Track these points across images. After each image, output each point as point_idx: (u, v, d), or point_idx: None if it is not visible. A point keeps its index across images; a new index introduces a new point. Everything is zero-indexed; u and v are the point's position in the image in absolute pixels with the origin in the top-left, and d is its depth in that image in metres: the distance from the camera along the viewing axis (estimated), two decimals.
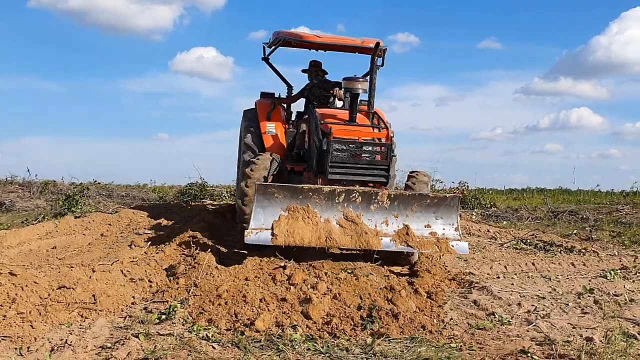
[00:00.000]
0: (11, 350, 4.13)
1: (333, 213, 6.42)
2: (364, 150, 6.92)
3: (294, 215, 6.27)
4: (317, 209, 6.37)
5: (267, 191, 6.27)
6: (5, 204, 15.32)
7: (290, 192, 6.34)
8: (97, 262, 6.12)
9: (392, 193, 6.66)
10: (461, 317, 5.11)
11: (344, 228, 6.36)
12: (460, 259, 7.49)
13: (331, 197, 6.41)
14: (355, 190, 6.50)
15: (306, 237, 6.20)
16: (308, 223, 6.27)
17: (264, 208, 6.27)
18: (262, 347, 4.28)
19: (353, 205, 6.49)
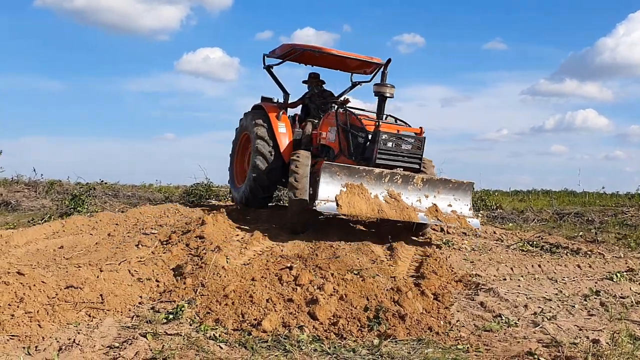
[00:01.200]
0: (19, 349, 4.16)
1: (380, 190, 7.74)
2: (403, 141, 8.25)
3: (351, 190, 7.49)
4: (368, 186, 7.63)
5: (331, 170, 7.48)
6: (11, 204, 15.37)
7: (349, 172, 7.58)
8: (105, 261, 6.14)
9: (424, 177, 8.09)
10: (468, 318, 5.11)
11: (389, 203, 7.69)
12: (466, 260, 7.49)
13: (379, 178, 7.74)
14: (398, 173, 7.87)
15: (363, 209, 7.44)
16: (362, 197, 7.52)
17: (327, 184, 7.42)
18: (269, 348, 4.29)
19: (395, 185, 7.86)
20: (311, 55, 9.97)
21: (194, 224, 7.90)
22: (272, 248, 7.16)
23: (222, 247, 6.73)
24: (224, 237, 7.55)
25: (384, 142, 8.08)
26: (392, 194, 7.79)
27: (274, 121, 9.72)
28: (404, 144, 8.26)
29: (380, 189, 7.75)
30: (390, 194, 7.78)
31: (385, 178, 7.76)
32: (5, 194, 16.18)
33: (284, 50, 10.02)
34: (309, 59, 10.32)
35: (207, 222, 7.75)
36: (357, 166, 7.74)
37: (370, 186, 7.66)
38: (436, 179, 8.23)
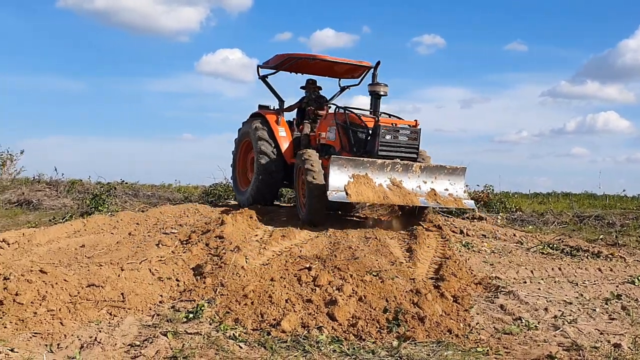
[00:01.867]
0: (42, 346, 4.22)
1: (383, 179, 8.44)
2: (401, 134, 8.99)
3: (358, 180, 8.20)
4: (372, 176, 8.34)
5: (339, 163, 8.18)
6: (33, 203, 15.55)
7: (354, 164, 8.30)
8: (126, 260, 6.19)
9: (422, 165, 8.78)
10: (487, 321, 5.09)
11: (392, 190, 8.40)
12: (486, 262, 7.45)
13: (382, 167, 8.44)
14: (398, 162, 8.55)
15: (370, 196, 8.21)
16: (368, 186, 8.24)
17: (336, 175, 8.12)
18: (288, 348, 4.32)
19: (396, 173, 8.55)
20: (304, 63, 10.77)
21: (214, 224, 7.94)
22: (290, 249, 7.17)
23: (241, 247, 6.76)
24: (243, 237, 7.58)
25: (383, 135, 8.81)
26: (395, 182, 8.49)
27: (273, 125, 10.55)
28: (401, 136, 9.01)
29: (384, 177, 8.46)
30: (392, 181, 8.49)
31: (387, 167, 8.48)
32: (27, 192, 16.38)
33: (278, 61, 10.76)
34: (302, 67, 11.13)
35: (226, 222, 7.79)
36: (361, 158, 8.45)
37: (374, 175, 8.37)
38: (432, 165, 8.92)
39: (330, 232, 8.14)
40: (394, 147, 8.89)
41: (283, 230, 7.99)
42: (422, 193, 8.61)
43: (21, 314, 4.58)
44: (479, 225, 10.31)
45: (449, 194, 8.82)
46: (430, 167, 8.84)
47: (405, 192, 8.43)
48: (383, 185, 8.37)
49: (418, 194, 8.54)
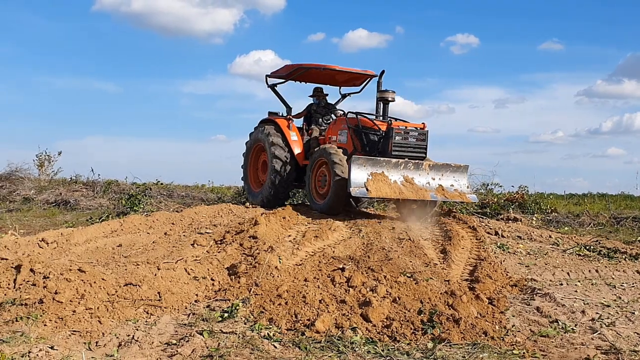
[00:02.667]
0: (80, 344, 4.29)
1: (397, 176, 9.25)
2: (411, 135, 9.86)
3: (375, 178, 8.97)
4: (387, 174, 9.13)
5: (359, 162, 8.97)
6: (70, 203, 15.83)
7: (372, 163, 9.11)
8: (162, 260, 6.27)
9: (430, 163, 9.66)
10: (523, 323, 5.04)
11: (405, 186, 9.21)
12: (521, 264, 7.37)
13: (396, 166, 9.26)
14: (410, 162, 9.41)
15: (388, 192, 8.97)
16: (385, 183, 9.02)
17: (357, 173, 8.91)
18: (322, 348, 4.32)
19: (408, 171, 9.38)
20: (312, 73, 11.47)
21: (247, 224, 7.98)
22: (323, 249, 7.18)
23: (275, 248, 6.79)
24: (276, 237, 7.61)
25: (395, 137, 9.68)
26: (407, 179, 9.32)
27: (286, 131, 11.18)
28: (411, 137, 9.87)
29: (397, 175, 9.28)
30: (405, 178, 9.31)
31: (400, 166, 9.32)
32: (65, 193, 16.68)
33: (287, 71, 11.50)
34: (309, 76, 11.81)
35: (259, 222, 7.82)
36: (378, 158, 9.29)
37: (389, 173, 9.18)
38: (439, 164, 9.75)
39: (363, 233, 8.14)
40: (404, 147, 9.75)
41: (316, 231, 8.00)
42: (431, 188, 9.46)
43: (60, 312, 4.67)
44: (514, 226, 10.19)
45: (455, 189, 9.69)
46: (438, 165, 9.70)
47: (417, 188, 9.29)
48: (397, 182, 9.21)
49: (428, 190, 9.40)
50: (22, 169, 18.76)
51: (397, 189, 9.09)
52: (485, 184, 16.26)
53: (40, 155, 20.61)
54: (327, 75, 11.69)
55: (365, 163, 9.01)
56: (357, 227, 8.55)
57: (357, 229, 8.44)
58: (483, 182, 16.29)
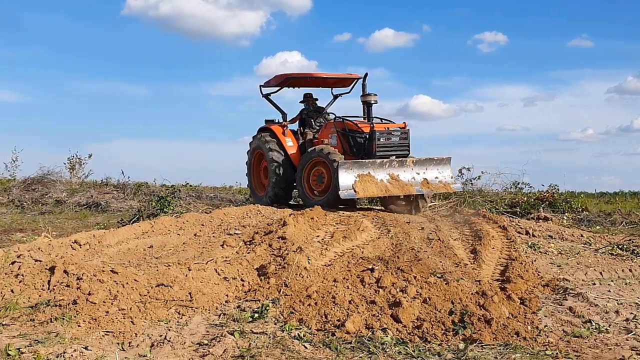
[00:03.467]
0: (114, 345, 4.34)
1: (383, 175, 9.97)
2: (393, 135, 10.65)
3: (362, 179, 9.70)
4: (374, 174, 9.85)
5: (346, 166, 9.73)
6: (101, 205, 16.06)
7: (358, 165, 9.83)
8: (192, 261, 6.32)
9: (414, 159, 10.40)
10: (556, 324, 4.98)
11: (392, 184, 9.95)
12: (553, 264, 7.29)
13: (381, 165, 10.00)
14: (394, 160, 10.17)
15: (375, 191, 9.78)
16: (371, 183, 9.74)
17: (344, 177, 9.65)
18: (353, 349, 4.32)
19: (393, 169, 10.09)
20: (301, 80, 12.27)
21: (276, 224, 8.01)
22: (352, 250, 7.17)
23: (304, 248, 6.79)
24: (305, 238, 7.63)
25: (378, 138, 10.36)
26: (393, 176, 10.03)
27: (281, 137, 11.82)
28: (394, 137, 10.64)
29: (383, 173, 9.96)
30: (391, 176, 10.01)
31: (385, 165, 10.01)
32: (96, 195, 16.92)
33: (278, 80, 12.20)
34: (299, 82, 12.56)
35: (288, 223, 7.84)
36: (363, 160, 10.01)
37: (375, 173, 9.87)
38: (422, 159, 10.51)
39: (392, 233, 8.10)
40: (388, 147, 10.47)
41: (344, 232, 7.99)
42: (416, 183, 10.21)
43: (94, 313, 4.73)
44: (544, 225, 10.08)
45: (439, 181, 10.45)
46: (421, 160, 10.45)
47: (402, 184, 10.02)
48: (384, 180, 9.91)
49: (414, 184, 10.16)
50: (53, 172, 19.08)
51: (384, 187, 9.81)
52: (515, 182, 16.10)
53: (71, 158, 20.92)
54: (317, 80, 12.39)
55: (352, 166, 9.74)
56: (386, 228, 8.52)
57: (385, 230, 8.41)
58: (513, 181, 16.14)
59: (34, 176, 18.76)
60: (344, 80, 12.39)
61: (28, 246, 7.16)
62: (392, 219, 9.29)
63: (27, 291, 5.14)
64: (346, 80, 12.39)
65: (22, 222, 13.67)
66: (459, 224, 9.34)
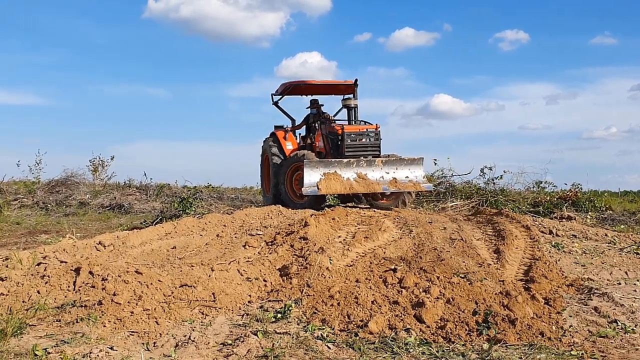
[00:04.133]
0: (139, 345, 4.38)
1: (350, 174, 10.57)
2: (365, 136, 11.26)
3: (328, 177, 10.37)
4: (340, 172, 10.48)
5: (311, 165, 10.35)
6: (124, 206, 16.21)
7: (324, 164, 10.49)
8: (215, 261, 6.36)
9: (384, 159, 10.94)
10: (581, 324, 4.93)
11: (358, 182, 10.53)
12: (577, 264, 7.22)
13: (348, 165, 10.60)
14: (363, 160, 10.77)
15: (338, 188, 10.40)
16: (337, 181, 10.40)
17: (310, 175, 10.30)
18: (376, 349, 4.32)
19: (362, 168, 10.67)
20: (306, 87, 12.94)
21: (297, 225, 8.03)
22: (374, 250, 7.16)
23: (325, 249, 6.81)
24: (326, 238, 7.64)
25: (347, 139, 11.10)
26: (360, 175, 10.59)
27: (282, 141, 12.53)
28: (365, 138, 11.25)
29: (351, 172, 10.56)
30: (358, 175, 10.58)
31: (353, 164, 10.61)
32: (119, 197, 17.09)
33: (282, 88, 12.91)
34: (304, 90, 13.21)
35: (309, 223, 7.86)
36: (331, 159, 10.75)
37: (342, 172, 10.49)
38: (393, 158, 11.03)
39: (414, 233, 8.08)
40: (357, 148, 11.15)
41: (366, 232, 7.99)
42: (384, 182, 10.71)
43: (119, 314, 4.78)
44: (568, 225, 9.98)
45: (409, 180, 10.91)
46: (390, 160, 10.94)
47: (369, 182, 10.55)
48: (350, 179, 10.49)
49: (381, 183, 10.64)
50: (77, 174, 19.34)
51: (349, 184, 10.41)
52: (538, 182, 15.97)
53: (94, 160, 21.16)
54: (321, 87, 13.11)
55: (318, 165, 10.42)
56: (408, 228, 8.50)
57: (407, 230, 8.39)
58: (535, 181, 16.01)
59: (58, 178, 19.02)
60: (340, 87, 12.93)
61: (53, 247, 7.24)
62: (413, 219, 9.26)
63: (53, 292, 5.21)
64: (342, 87, 12.88)
65: (46, 223, 13.85)
66: (482, 224, 9.28)
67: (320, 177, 10.28)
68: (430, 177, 15.36)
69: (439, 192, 15.69)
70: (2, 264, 6.24)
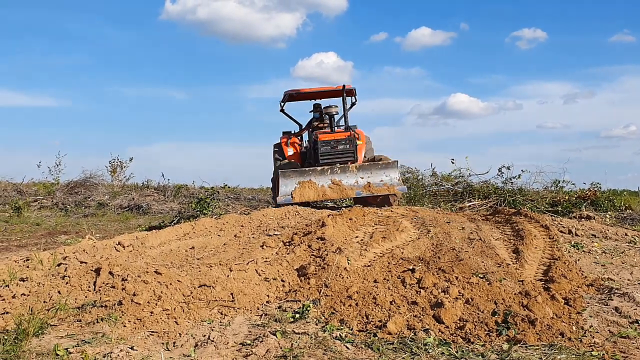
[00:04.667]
0: (159, 345, 4.40)
1: (325, 181, 10.94)
2: (339, 143, 11.63)
3: (302, 185, 10.80)
4: (315, 180, 10.87)
5: (286, 174, 10.90)
6: (142, 207, 16.33)
7: (299, 173, 11.02)
8: (233, 261, 6.38)
9: (358, 164, 11.28)
10: (602, 324, 4.88)
11: (332, 188, 10.91)
12: (597, 263, 7.15)
13: (322, 172, 10.99)
14: (336, 166, 11.16)
15: (311, 196, 10.77)
16: (311, 188, 10.78)
17: (285, 185, 10.82)
18: (395, 350, 4.31)
19: (336, 175, 11.06)
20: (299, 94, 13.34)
21: (314, 225, 8.05)
22: (392, 250, 7.15)
23: (343, 249, 6.81)
24: (344, 238, 7.64)
25: (321, 148, 11.57)
26: (335, 181, 10.96)
27: (284, 147, 13.11)
28: (340, 145, 11.62)
29: (326, 179, 10.92)
30: (333, 181, 10.94)
31: (327, 172, 11.01)
32: (137, 198, 17.22)
33: (284, 96, 13.34)
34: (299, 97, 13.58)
35: (327, 224, 7.87)
36: (306, 168, 11.15)
37: (317, 179, 10.87)
38: (367, 164, 11.36)
39: (432, 233, 8.06)
40: (331, 155, 11.56)
41: (383, 232, 7.98)
42: (359, 187, 11.01)
43: (139, 314, 4.81)
44: (587, 224, 9.89)
45: (384, 184, 11.15)
46: (365, 165, 11.28)
47: (342, 188, 10.94)
48: (325, 186, 10.86)
49: (355, 188, 10.97)
50: (96, 176, 19.53)
51: (322, 191, 10.79)
52: (556, 181, 15.85)
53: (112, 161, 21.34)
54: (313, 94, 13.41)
55: (292, 174, 10.94)
56: (426, 228, 8.48)
57: (425, 230, 8.37)
58: (554, 180, 15.90)
59: (77, 180, 19.22)
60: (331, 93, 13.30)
61: (73, 248, 7.31)
62: (431, 219, 9.24)
63: (74, 292, 5.26)
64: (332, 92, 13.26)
65: (66, 224, 13.98)
66: (500, 224, 9.23)
67: (295, 186, 10.75)
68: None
69: (457, 191, 15.63)
70: (23, 265, 6.31)
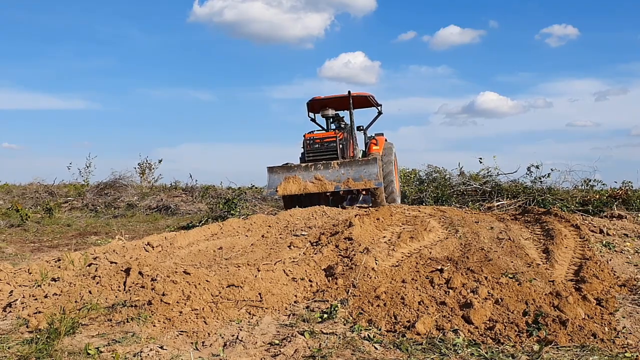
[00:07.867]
0: (188, 344, 4.43)
1: (309, 177, 11.82)
2: (323, 142, 12.57)
3: (287, 180, 11.78)
4: (300, 176, 11.82)
5: (273, 171, 11.98)
6: (171, 208, 16.45)
7: (286, 169, 11.98)
8: (261, 261, 6.40)
9: (340, 162, 11.97)
10: (635, 325, 4.79)
11: (313, 183, 11.73)
12: (629, 263, 7.03)
13: (307, 169, 11.89)
14: (320, 163, 11.95)
15: (294, 189, 11.70)
16: (295, 183, 11.73)
17: (273, 180, 11.92)
18: (424, 350, 4.28)
19: (319, 171, 11.86)
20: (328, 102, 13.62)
21: (341, 225, 8.03)
22: (420, 250, 7.11)
23: (371, 249, 6.78)
24: (371, 238, 7.62)
25: (307, 146, 12.61)
26: (317, 177, 11.78)
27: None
28: (324, 144, 12.56)
29: (310, 175, 11.82)
30: (315, 177, 11.77)
31: (311, 168, 11.88)
32: (165, 198, 17.35)
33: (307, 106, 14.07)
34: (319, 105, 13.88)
35: (354, 224, 7.85)
36: (292, 164, 12.10)
37: (302, 175, 11.83)
38: (347, 160, 12.09)
39: (460, 233, 8.00)
40: (316, 153, 12.53)
41: (411, 232, 7.94)
42: (339, 182, 11.78)
43: (168, 313, 4.85)
44: (619, 223, 9.72)
45: (363, 179, 11.73)
46: (345, 162, 12.03)
47: (323, 182, 11.72)
48: (307, 181, 11.76)
49: (334, 183, 11.75)
50: (125, 177, 19.74)
51: (303, 186, 11.70)
52: (587, 180, 15.61)
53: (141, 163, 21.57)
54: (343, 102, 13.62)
55: (280, 170, 11.99)
56: (454, 228, 8.41)
57: (453, 230, 8.30)
58: (584, 179, 15.66)
59: (107, 181, 19.45)
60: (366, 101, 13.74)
61: (103, 249, 7.40)
62: (459, 219, 9.17)
63: (104, 292, 5.32)
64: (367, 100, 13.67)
65: (96, 225, 14.16)
66: (530, 223, 9.12)
67: (281, 181, 11.75)
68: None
69: (485, 191, 15.49)
70: (55, 265, 6.41)
